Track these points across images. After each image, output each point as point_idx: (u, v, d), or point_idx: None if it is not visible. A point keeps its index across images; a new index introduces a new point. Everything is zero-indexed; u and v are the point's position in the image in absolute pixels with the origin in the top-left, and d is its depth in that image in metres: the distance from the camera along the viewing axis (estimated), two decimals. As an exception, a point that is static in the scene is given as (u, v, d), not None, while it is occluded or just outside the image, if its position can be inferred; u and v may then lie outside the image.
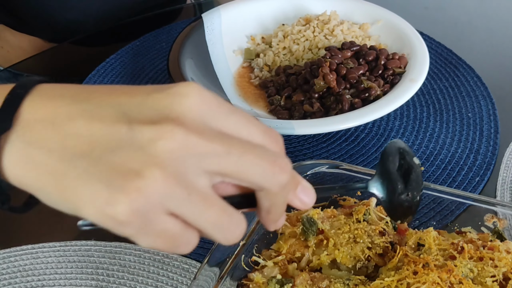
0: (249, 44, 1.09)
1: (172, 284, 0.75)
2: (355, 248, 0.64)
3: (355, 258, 0.64)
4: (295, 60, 1.03)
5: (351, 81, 0.92)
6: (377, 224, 0.67)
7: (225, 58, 1.06)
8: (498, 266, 0.60)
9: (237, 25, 1.09)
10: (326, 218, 0.68)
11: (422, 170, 0.87)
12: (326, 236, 0.66)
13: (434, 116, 0.97)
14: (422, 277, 0.58)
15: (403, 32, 1.01)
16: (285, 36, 1.05)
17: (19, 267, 0.78)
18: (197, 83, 0.94)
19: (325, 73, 0.91)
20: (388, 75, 0.94)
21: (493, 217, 0.68)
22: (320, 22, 1.05)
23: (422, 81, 0.90)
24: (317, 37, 1.03)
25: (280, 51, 1.04)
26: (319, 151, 0.92)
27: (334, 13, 1.07)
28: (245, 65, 1.06)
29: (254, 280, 0.64)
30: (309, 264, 0.65)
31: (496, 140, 0.92)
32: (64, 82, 0.53)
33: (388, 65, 0.95)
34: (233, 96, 0.98)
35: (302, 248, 0.66)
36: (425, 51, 0.96)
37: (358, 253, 0.64)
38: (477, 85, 1.02)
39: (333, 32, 1.03)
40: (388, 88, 0.92)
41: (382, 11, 1.07)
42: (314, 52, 1.02)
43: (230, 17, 1.09)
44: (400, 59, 0.96)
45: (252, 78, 1.03)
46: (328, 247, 0.65)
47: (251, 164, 0.44)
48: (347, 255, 0.64)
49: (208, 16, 1.07)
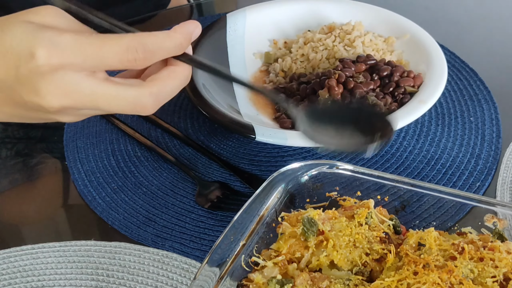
0: (271, 47, 1.08)
1: (172, 284, 0.75)
2: (353, 253, 0.64)
3: (352, 262, 0.64)
4: (311, 69, 1.01)
5: (357, 96, 0.91)
6: (379, 228, 0.67)
7: (243, 60, 1.05)
8: (499, 267, 0.59)
9: (261, 28, 1.09)
10: (327, 219, 0.68)
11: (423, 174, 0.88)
12: (326, 237, 0.66)
13: (435, 119, 0.97)
14: (423, 278, 0.58)
15: (426, 50, 0.98)
16: (305, 43, 1.04)
17: (19, 267, 0.78)
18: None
19: (331, 86, 0.91)
20: (398, 93, 0.92)
21: (493, 217, 0.68)
22: (342, 32, 1.03)
23: (432, 103, 0.88)
24: (336, 47, 1.01)
25: (298, 57, 1.03)
26: (319, 154, 0.92)
27: (359, 23, 1.05)
28: (263, 68, 1.06)
29: (254, 281, 0.64)
30: (308, 265, 0.65)
31: (498, 145, 0.91)
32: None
33: (401, 83, 0.93)
34: (243, 99, 0.98)
35: (302, 248, 0.66)
36: (444, 72, 0.93)
37: (355, 258, 0.64)
38: (480, 89, 1.01)
39: (353, 43, 1.01)
40: (396, 107, 0.90)
41: (411, 26, 1.03)
42: (331, 62, 1.01)
43: (255, 19, 1.08)
44: (415, 78, 0.93)
45: (266, 83, 1.03)
46: (327, 248, 0.64)
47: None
48: (344, 258, 0.64)
49: (233, 17, 1.07)
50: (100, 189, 0.88)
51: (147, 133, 0.97)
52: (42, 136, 1.00)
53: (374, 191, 0.72)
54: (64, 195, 0.91)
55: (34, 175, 0.94)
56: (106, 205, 0.85)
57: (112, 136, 0.97)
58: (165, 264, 0.77)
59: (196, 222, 0.82)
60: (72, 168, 0.91)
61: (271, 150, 0.93)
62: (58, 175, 0.94)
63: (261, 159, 0.91)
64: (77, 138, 0.96)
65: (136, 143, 0.95)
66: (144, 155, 0.93)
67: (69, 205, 0.89)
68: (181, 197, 0.86)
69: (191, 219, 0.83)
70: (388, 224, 0.68)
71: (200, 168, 0.90)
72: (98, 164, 0.92)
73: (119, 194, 0.87)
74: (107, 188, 0.88)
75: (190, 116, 1.00)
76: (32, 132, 1.01)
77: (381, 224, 0.68)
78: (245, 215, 0.68)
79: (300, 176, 0.72)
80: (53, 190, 0.92)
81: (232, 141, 0.95)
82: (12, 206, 0.89)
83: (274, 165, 0.90)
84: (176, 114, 1.01)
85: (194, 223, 0.82)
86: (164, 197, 0.86)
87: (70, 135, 0.97)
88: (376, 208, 0.69)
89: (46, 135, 1.00)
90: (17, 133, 0.99)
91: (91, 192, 0.87)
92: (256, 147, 0.93)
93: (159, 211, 0.84)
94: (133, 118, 0.99)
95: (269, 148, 0.93)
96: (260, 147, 0.93)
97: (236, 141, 0.95)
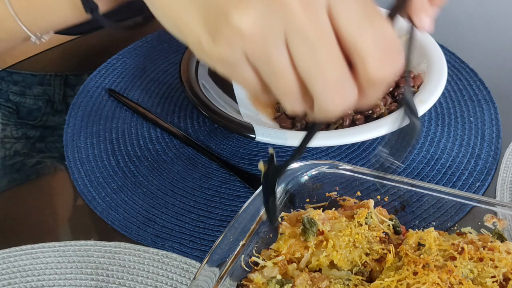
0: None
1: (172, 284, 0.75)
2: (353, 253, 0.64)
3: (351, 262, 0.64)
4: None
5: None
6: (378, 228, 0.67)
7: None
8: (498, 267, 0.59)
9: None
10: (327, 219, 0.68)
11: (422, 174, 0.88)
12: (326, 237, 0.66)
13: (435, 120, 0.97)
14: (422, 278, 0.58)
15: (426, 50, 0.98)
16: None
17: (19, 267, 0.78)
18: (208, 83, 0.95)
19: None
20: (398, 93, 0.92)
21: (493, 218, 0.68)
22: None
23: (432, 103, 0.88)
24: None
25: None
26: (319, 154, 0.92)
27: None
28: None
29: (254, 281, 0.64)
30: (308, 265, 0.65)
31: (498, 145, 0.91)
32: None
33: (401, 83, 0.93)
34: (243, 99, 0.97)
35: (301, 248, 0.66)
36: (444, 73, 0.93)
37: (355, 258, 0.64)
38: (480, 89, 1.01)
39: None
40: (395, 107, 0.90)
41: (411, 26, 1.03)
42: None
43: None
44: (415, 78, 0.94)
45: None
46: (327, 248, 0.64)
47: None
48: (344, 258, 0.64)
49: None
50: (100, 189, 0.88)
51: (147, 132, 0.97)
52: (41, 135, 1.00)
53: (374, 191, 0.72)
54: (63, 195, 0.91)
55: (33, 175, 0.94)
56: (106, 205, 0.85)
57: (112, 136, 0.97)
58: (164, 264, 0.77)
59: (195, 222, 0.82)
60: (72, 168, 0.91)
61: (271, 150, 0.92)
62: (58, 175, 0.94)
63: (261, 159, 0.91)
64: (77, 138, 0.96)
65: (136, 143, 0.95)
66: (144, 155, 0.93)
67: (68, 205, 0.89)
68: (181, 197, 0.86)
69: (191, 219, 0.83)
70: (388, 224, 0.68)
71: (200, 168, 0.90)
72: (98, 164, 0.92)
73: (119, 194, 0.87)
74: (107, 188, 0.88)
75: (190, 116, 1.00)
76: (31, 131, 1.01)
77: (381, 224, 0.68)
78: (245, 215, 0.68)
79: (300, 176, 0.72)
80: (52, 190, 0.92)
81: (232, 141, 0.95)
82: (11, 206, 0.89)
83: (274, 165, 0.90)
84: (176, 114, 1.01)
85: (193, 223, 0.82)
86: (163, 197, 0.86)
87: (70, 135, 0.97)
88: (375, 208, 0.70)
89: (45, 134, 1.00)
90: (15, 132, 0.99)
91: (91, 192, 0.87)
92: (256, 147, 0.93)
93: (159, 211, 0.84)
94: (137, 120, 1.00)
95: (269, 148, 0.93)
96: (260, 147, 0.93)
97: (236, 141, 0.95)
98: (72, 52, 1.18)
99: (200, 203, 0.85)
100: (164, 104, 1.03)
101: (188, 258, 0.77)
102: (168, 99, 1.04)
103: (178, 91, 1.05)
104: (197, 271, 0.63)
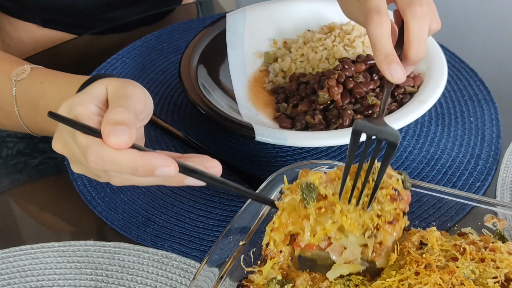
0: (271, 47, 1.08)
1: (171, 284, 0.74)
2: (363, 216, 0.60)
3: (363, 226, 0.60)
4: (310, 69, 1.01)
5: (357, 96, 0.91)
6: (387, 183, 0.61)
7: (243, 60, 1.05)
8: (500, 267, 0.59)
9: (261, 28, 1.08)
10: (329, 181, 0.63)
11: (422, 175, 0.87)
12: (331, 202, 0.61)
13: (435, 120, 0.96)
14: (424, 278, 0.58)
15: (427, 50, 0.97)
16: (305, 43, 1.04)
17: (18, 268, 0.78)
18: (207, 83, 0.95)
19: (331, 86, 0.91)
20: (398, 94, 0.92)
21: (493, 218, 0.68)
22: (342, 32, 1.03)
23: (432, 103, 0.88)
24: (336, 47, 1.01)
25: (298, 57, 1.03)
26: (319, 154, 0.92)
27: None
28: (262, 68, 1.05)
29: (254, 282, 0.63)
30: (314, 235, 0.61)
31: (498, 145, 0.91)
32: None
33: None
34: (243, 99, 0.97)
35: (302, 219, 0.61)
36: (444, 72, 0.92)
37: (366, 221, 0.60)
38: (480, 89, 1.01)
39: (353, 43, 1.01)
40: (396, 107, 0.90)
41: None
42: (331, 62, 1.00)
43: (255, 19, 1.08)
44: (415, 78, 0.93)
45: (266, 83, 1.02)
46: (334, 214, 0.60)
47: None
48: (355, 222, 0.60)
49: (233, 17, 1.07)
50: (100, 189, 0.87)
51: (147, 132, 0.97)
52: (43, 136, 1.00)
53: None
54: (63, 195, 0.90)
55: (35, 175, 0.94)
56: (105, 205, 0.85)
57: (112, 136, 0.96)
58: (164, 264, 0.77)
59: (195, 222, 0.82)
60: (72, 168, 0.91)
61: (270, 150, 0.92)
62: (58, 175, 0.94)
63: (261, 159, 0.91)
64: (76, 138, 0.96)
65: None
66: (144, 155, 0.93)
67: (68, 205, 0.89)
68: (181, 197, 0.86)
69: (191, 219, 0.83)
70: (396, 178, 0.63)
71: (199, 168, 0.90)
72: (97, 164, 0.92)
73: (119, 194, 0.87)
74: (107, 188, 0.88)
75: (190, 116, 1.00)
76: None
77: (389, 179, 0.63)
78: (245, 215, 0.68)
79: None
80: (53, 190, 0.92)
81: (231, 141, 0.95)
82: (12, 206, 0.88)
83: (274, 165, 0.90)
84: (176, 114, 1.00)
85: (193, 223, 0.82)
86: (163, 197, 0.86)
87: (69, 135, 0.97)
88: None
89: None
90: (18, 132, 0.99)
91: (90, 192, 0.87)
92: (255, 147, 0.93)
93: (158, 211, 0.84)
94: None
95: (268, 148, 0.93)
96: (259, 147, 0.93)
97: (235, 141, 0.94)
98: (72, 52, 1.18)
99: (200, 203, 0.85)
100: (164, 104, 1.02)
101: (188, 258, 0.77)
102: (168, 99, 1.03)
103: (178, 91, 1.05)
104: (196, 271, 0.63)
